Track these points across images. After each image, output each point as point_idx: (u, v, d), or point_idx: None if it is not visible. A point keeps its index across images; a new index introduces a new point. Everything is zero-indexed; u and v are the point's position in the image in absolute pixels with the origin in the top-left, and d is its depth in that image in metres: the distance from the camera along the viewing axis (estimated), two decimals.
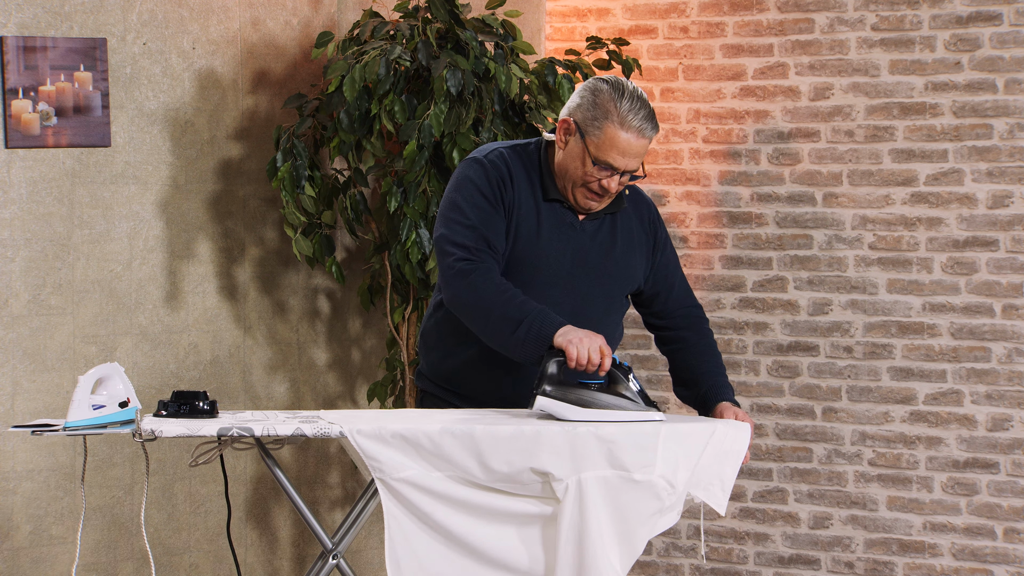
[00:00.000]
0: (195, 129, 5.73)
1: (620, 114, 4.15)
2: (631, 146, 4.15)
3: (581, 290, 4.31)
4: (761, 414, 6.17)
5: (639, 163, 4.20)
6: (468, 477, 3.99)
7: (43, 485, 5.46)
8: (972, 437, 5.87)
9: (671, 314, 4.47)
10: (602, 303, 4.34)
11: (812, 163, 6.08)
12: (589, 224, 4.32)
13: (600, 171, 4.18)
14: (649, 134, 4.17)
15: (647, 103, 4.18)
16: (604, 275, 4.33)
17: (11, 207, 5.37)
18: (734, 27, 6.18)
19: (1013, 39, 5.77)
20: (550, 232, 4.27)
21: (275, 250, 5.92)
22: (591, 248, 4.31)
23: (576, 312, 4.27)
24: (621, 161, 4.16)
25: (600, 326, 4.26)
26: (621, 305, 4.42)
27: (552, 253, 4.27)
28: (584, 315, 4.28)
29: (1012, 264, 5.80)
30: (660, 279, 4.44)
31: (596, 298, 4.33)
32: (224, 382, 5.82)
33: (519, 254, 4.25)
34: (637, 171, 4.22)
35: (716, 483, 4.09)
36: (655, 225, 4.44)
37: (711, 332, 4.50)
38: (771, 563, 6.19)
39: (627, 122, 4.14)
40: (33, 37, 5.36)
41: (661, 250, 4.43)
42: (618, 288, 4.37)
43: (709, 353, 4.45)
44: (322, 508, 6.05)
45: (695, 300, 4.51)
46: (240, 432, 4.02)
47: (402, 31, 5.64)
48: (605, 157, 4.17)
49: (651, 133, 4.18)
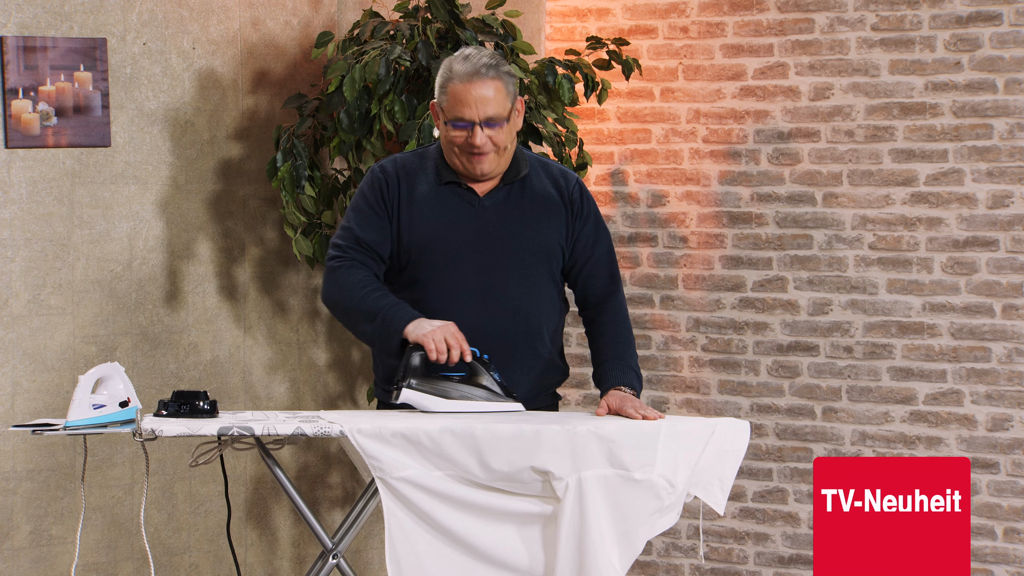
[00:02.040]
0: (195, 129, 5.73)
1: (452, 71, 4.29)
2: (470, 93, 4.26)
3: (491, 265, 4.36)
4: (761, 414, 6.17)
5: (496, 109, 4.27)
6: (468, 476, 4.00)
7: (43, 485, 5.46)
8: (972, 437, 5.87)
9: (585, 294, 4.49)
10: (516, 276, 4.37)
11: (812, 163, 6.08)
12: (489, 198, 4.38)
13: (458, 130, 4.29)
14: (487, 76, 4.27)
15: (489, 54, 4.29)
16: (512, 246, 4.37)
17: (11, 207, 5.37)
18: (734, 27, 6.18)
19: (1013, 39, 5.77)
20: (449, 213, 4.36)
21: (275, 250, 5.92)
22: (495, 221, 4.38)
23: (492, 288, 4.34)
24: (470, 112, 4.26)
25: (523, 301, 4.33)
26: (543, 280, 4.43)
27: (454, 233, 4.35)
28: (500, 291, 4.34)
29: (1012, 264, 5.80)
30: (579, 250, 4.45)
31: (509, 271, 4.37)
32: (224, 382, 5.82)
33: (421, 239, 4.35)
34: (499, 119, 4.28)
35: (716, 483, 4.09)
36: (579, 197, 4.46)
37: (621, 311, 4.49)
38: (771, 563, 6.19)
39: (457, 74, 4.28)
40: (33, 37, 5.36)
41: (584, 222, 4.45)
42: (531, 258, 4.39)
43: (611, 331, 4.47)
44: (322, 508, 6.05)
45: (615, 277, 4.50)
46: (240, 432, 4.02)
47: (402, 31, 5.64)
48: (454, 114, 4.28)
49: (489, 75, 4.27)
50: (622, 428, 4.03)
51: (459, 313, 4.32)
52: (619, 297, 4.48)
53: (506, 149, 4.32)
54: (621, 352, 4.42)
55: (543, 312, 4.41)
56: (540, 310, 4.40)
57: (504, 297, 4.35)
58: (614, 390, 4.32)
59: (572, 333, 6.33)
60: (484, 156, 4.30)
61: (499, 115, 4.27)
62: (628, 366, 4.38)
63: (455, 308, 4.33)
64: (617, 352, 4.42)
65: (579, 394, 6.43)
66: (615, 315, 4.47)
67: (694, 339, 6.27)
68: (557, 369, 4.50)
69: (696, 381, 6.27)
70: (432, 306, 4.32)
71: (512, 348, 4.37)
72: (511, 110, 4.31)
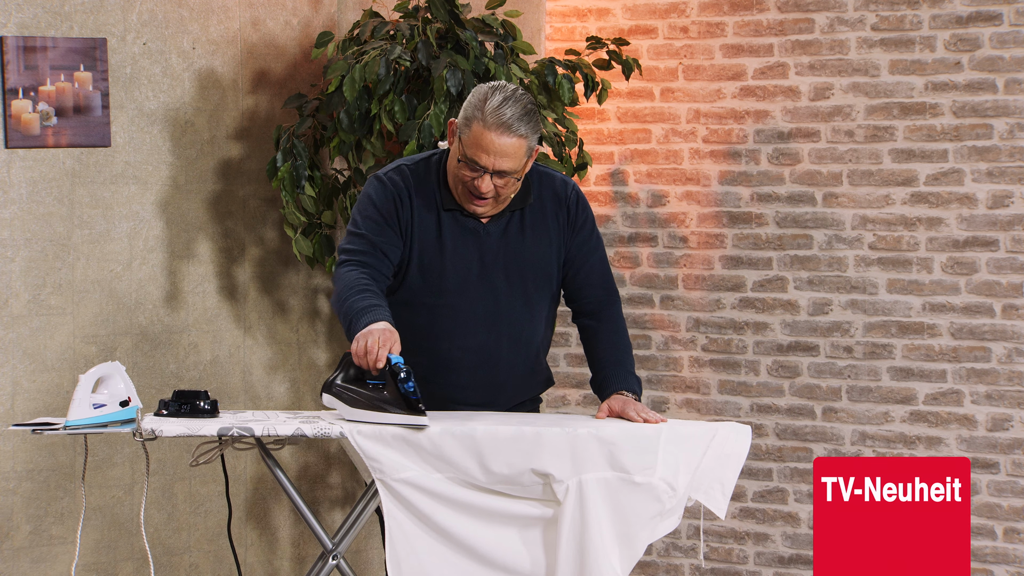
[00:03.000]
0: (195, 129, 5.73)
1: (486, 111, 4.15)
2: (494, 144, 4.14)
3: (495, 292, 4.32)
4: (761, 414, 6.17)
5: (512, 164, 4.17)
6: (468, 479, 3.99)
7: (43, 485, 5.45)
8: (972, 437, 5.87)
9: (581, 298, 4.47)
10: (520, 302, 4.35)
11: (812, 163, 6.08)
12: (493, 226, 4.32)
13: (469, 170, 4.19)
14: (515, 132, 4.14)
15: (524, 105, 4.17)
16: (516, 274, 4.34)
17: (11, 207, 5.37)
18: (734, 27, 6.18)
19: (1013, 39, 5.77)
20: (453, 241, 4.30)
21: (275, 250, 5.92)
22: (498, 250, 4.33)
23: (494, 314, 4.31)
24: (486, 159, 4.16)
25: (523, 325, 4.31)
26: (544, 303, 4.42)
27: (458, 261, 4.29)
28: (503, 316, 4.32)
29: (1012, 264, 5.80)
30: (575, 259, 4.42)
31: (513, 298, 4.34)
32: (224, 382, 5.82)
33: (425, 267, 4.29)
34: (511, 173, 4.19)
35: (717, 486, 4.09)
36: (575, 206, 4.41)
37: (618, 319, 4.47)
38: (771, 563, 6.19)
39: (491, 119, 4.14)
40: (33, 37, 5.35)
41: (578, 230, 4.41)
42: (533, 285, 4.37)
43: (609, 339, 4.44)
44: (322, 508, 6.05)
45: (609, 286, 4.48)
46: (240, 432, 4.01)
47: (402, 31, 5.64)
48: (471, 155, 4.17)
49: (518, 131, 4.15)
50: (623, 431, 4.03)
51: (464, 340, 4.30)
52: (617, 305, 4.47)
53: (508, 198, 4.28)
54: (621, 358, 4.41)
55: (540, 333, 4.42)
56: (538, 332, 4.40)
57: (508, 323, 4.32)
58: (616, 395, 4.32)
59: (572, 333, 6.33)
60: (485, 202, 4.24)
61: (512, 170, 4.19)
62: (628, 372, 4.38)
63: (460, 334, 4.31)
64: (617, 358, 4.41)
65: (579, 394, 6.43)
66: (614, 323, 4.45)
67: (694, 339, 6.27)
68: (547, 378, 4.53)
69: (696, 381, 6.27)
70: (438, 332, 4.31)
71: (514, 371, 4.38)
72: (526, 163, 4.24)
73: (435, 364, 4.30)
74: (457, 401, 4.33)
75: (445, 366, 4.31)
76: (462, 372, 4.32)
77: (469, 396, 4.34)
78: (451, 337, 4.29)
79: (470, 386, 4.33)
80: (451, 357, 4.30)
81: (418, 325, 4.29)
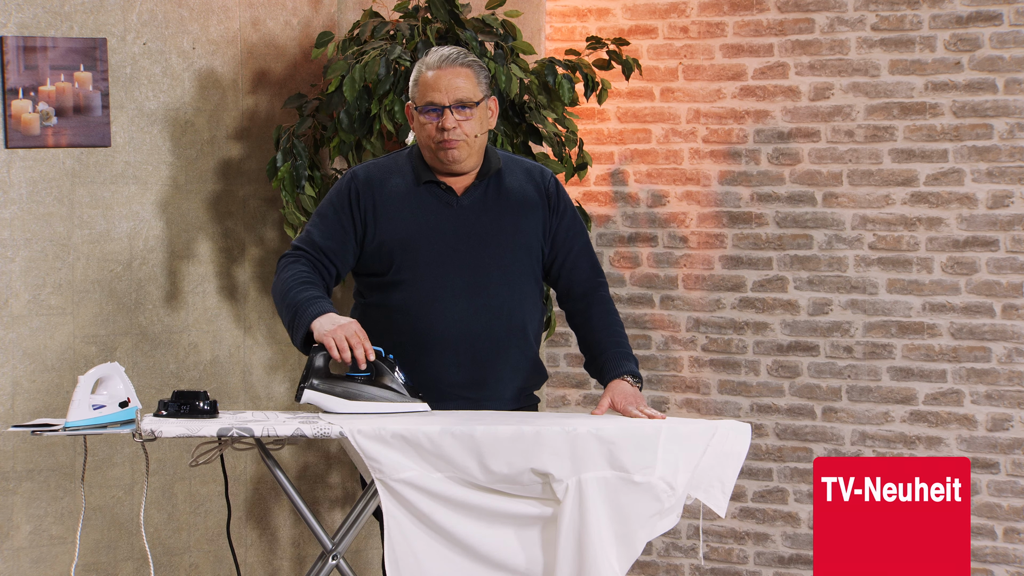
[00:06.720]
0: (195, 129, 5.73)
1: (426, 62, 4.37)
2: (440, 79, 4.34)
3: (473, 264, 4.38)
4: (761, 414, 6.17)
5: (466, 93, 4.34)
6: (468, 478, 4.00)
7: (43, 485, 5.46)
8: (972, 437, 5.88)
9: (570, 286, 4.51)
10: (498, 273, 4.40)
11: (812, 163, 6.08)
12: (467, 197, 4.42)
13: (428, 116, 4.34)
14: (459, 62, 4.35)
15: (455, 48, 4.38)
16: (493, 243, 4.40)
17: (11, 207, 5.37)
18: (734, 27, 6.18)
19: (1013, 39, 5.77)
20: (427, 214, 4.39)
21: (275, 250, 5.92)
22: (474, 220, 4.40)
23: (475, 287, 4.37)
24: (439, 95, 4.33)
25: (503, 297, 4.34)
26: (525, 277, 4.45)
27: (433, 233, 4.38)
28: (480, 287, 4.36)
29: (1012, 264, 5.81)
30: (560, 244, 4.49)
31: (491, 270, 4.40)
32: (224, 382, 5.82)
33: (400, 241, 4.38)
34: (469, 103, 4.34)
35: (716, 485, 4.09)
36: (555, 192, 4.50)
37: (609, 301, 4.53)
38: (771, 563, 6.19)
39: (432, 62, 4.37)
40: (33, 37, 5.36)
41: (561, 216, 4.49)
42: (511, 255, 4.42)
43: (603, 320, 4.49)
44: (322, 508, 6.05)
45: (597, 274, 4.54)
46: (240, 432, 4.02)
47: (402, 31, 5.64)
48: (425, 100, 4.35)
49: (462, 61, 4.36)
50: (622, 430, 4.03)
51: (444, 313, 4.34)
52: (605, 287, 4.54)
53: (476, 138, 4.36)
54: (618, 340, 4.45)
55: (526, 310, 4.43)
56: (523, 307, 4.42)
57: (487, 295, 4.37)
58: (618, 380, 4.34)
59: (571, 333, 6.34)
60: (455, 144, 4.33)
61: (469, 99, 4.34)
62: (627, 354, 4.42)
63: (439, 308, 4.35)
64: (614, 340, 4.45)
65: (579, 394, 6.44)
66: (605, 304, 4.50)
67: (694, 339, 6.27)
68: (541, 370, 4.53)
69: (696, 381, 6.28)
70: (416, 307, 4.35)
71: (499, 347, 4.39)
72: (482, 98, 4.36)
73: (416, 343, 4.34)
74: (443, 382, 4.35)
75: (426, 343, 4.34)
76: (445, 350, 4.36)
77: (453, 375, 4.36)
78: (429, 312, 4.35)
79: (453, 364, 4.34)
80: (431, 333, 4.35)
81: (396, 302, 4.34)
